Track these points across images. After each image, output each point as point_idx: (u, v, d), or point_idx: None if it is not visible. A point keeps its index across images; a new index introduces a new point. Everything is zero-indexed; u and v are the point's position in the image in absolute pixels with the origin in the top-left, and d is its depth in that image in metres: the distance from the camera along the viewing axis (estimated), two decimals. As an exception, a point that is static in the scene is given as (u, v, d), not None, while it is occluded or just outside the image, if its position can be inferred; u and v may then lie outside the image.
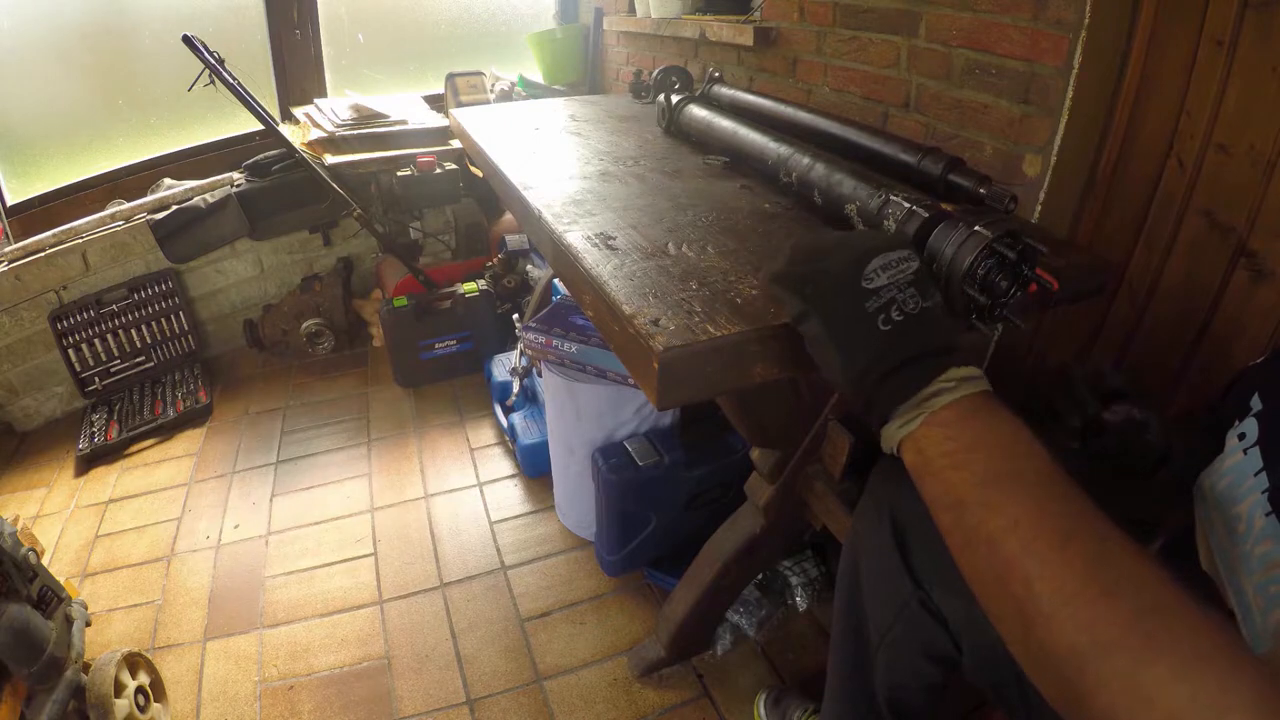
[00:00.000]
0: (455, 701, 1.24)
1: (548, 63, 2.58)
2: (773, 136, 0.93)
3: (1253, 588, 0.58)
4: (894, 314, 0.49)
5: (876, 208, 0.67)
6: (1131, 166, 1.02)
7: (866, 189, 0.71)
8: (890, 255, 0.50)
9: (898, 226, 0.63)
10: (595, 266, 0.68)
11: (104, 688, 1.08)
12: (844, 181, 0.75)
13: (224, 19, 2.33)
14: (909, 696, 0.81)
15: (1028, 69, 1.06)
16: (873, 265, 0.50)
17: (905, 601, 0.76)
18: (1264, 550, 0.57)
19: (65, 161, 2.26)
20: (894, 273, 0.50)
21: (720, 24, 1.77)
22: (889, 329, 0.48)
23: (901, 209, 0.64)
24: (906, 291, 0.49)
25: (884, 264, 0.50)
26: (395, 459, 1.87)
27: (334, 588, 1.48)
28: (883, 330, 0.48)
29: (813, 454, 1.06)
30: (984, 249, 0.54)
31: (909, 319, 0.49)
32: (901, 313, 0.49)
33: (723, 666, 1.29)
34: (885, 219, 0.65)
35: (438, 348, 2.14)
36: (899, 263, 0.50)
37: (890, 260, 0.50)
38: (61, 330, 2.02)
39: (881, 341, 0.48)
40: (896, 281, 0.49)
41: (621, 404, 1.40)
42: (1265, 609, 0.56)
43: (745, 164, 1.00)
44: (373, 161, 2.15)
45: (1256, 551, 0.58)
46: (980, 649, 0.71)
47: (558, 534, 1.61)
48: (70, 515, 1.72)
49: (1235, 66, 0.87)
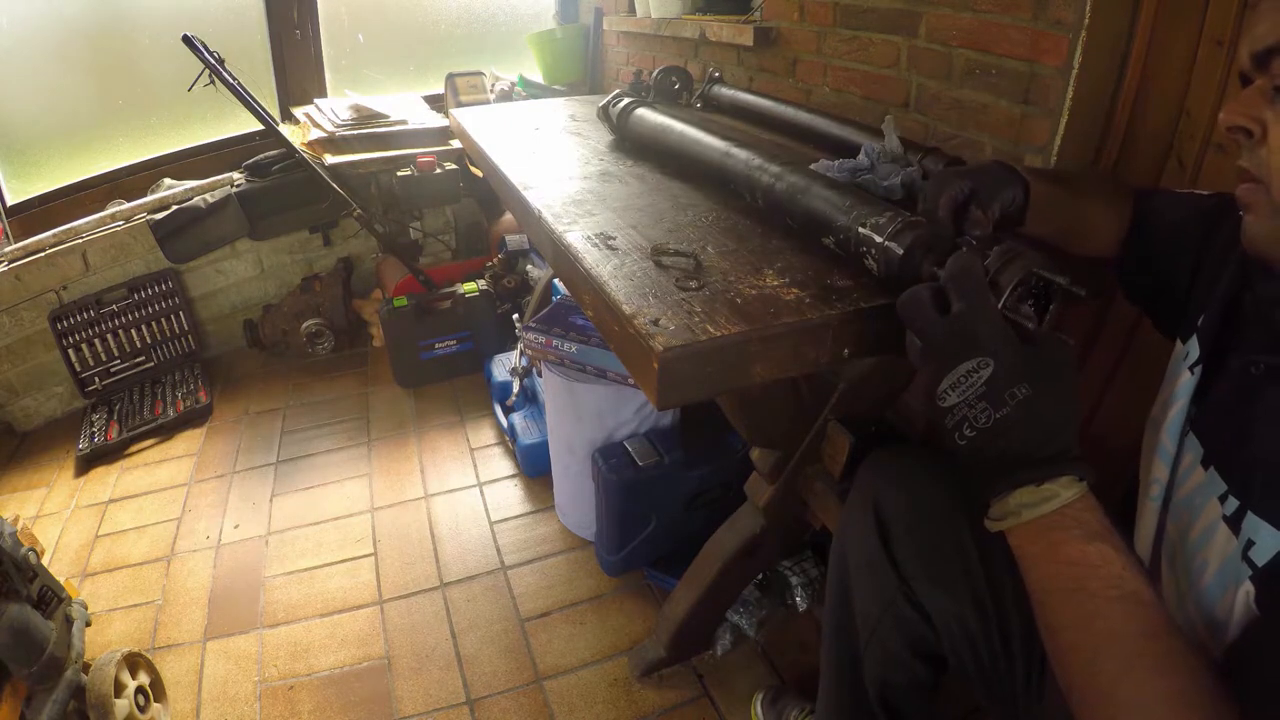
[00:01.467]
0: (455, 701, 1.24)
1: (548, 63, 2.58)
2: (735, 143, 0.85)
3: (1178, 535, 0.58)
4: (966, 431, 0.51)
5: (853, 245, 0.64)
6: (1131, 166, 1.02)
7: (840, 219, 0.65)
8: (960, 369, 0.50)
9: (878, 265, 0.61)
10: (595, 266, 0.68)
11: (104, 688, 1.07)
12: (813, 205, 0.69)
13: (224, 19, 2.33)
14: (899, 693, 0.81)
15: (1028, 69, 1.06)
16: (943, 386, 0.51)
17: (891, 597, 0.76)
18: (1190, 489, 0.56)
19: (65, 161, 2.26)
20: (964, 389, 0.50)
21: (720, 24, 1.77)
22: (965, 444, 0.51)
23: (874, 244, 0.60)
24: (977, 407, 0.50)
25: (953, 382, 0.51)
26: (395, 459, 1.87)
27: (334, 588, 1.48)
28: (960, 445, 0.52)
29: (813, 454, 1.06)
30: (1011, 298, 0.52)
31: (981, 434, 0.50)
32: (974, 428, 0.50)
33: (723, 666, 1.29)
34: (864, 257, 0.62)
35: (438, 348, 2.14)
36: (969, 375, 0.50)
37: (959, 376, 0.50)
38: (61, 330, 2.02)
39: (961, 454, 0.52)
40: (966, 398, 0.50)
41: (621, 404, 1.40)
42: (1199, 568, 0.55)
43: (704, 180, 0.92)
44: (373, 161, 2.15)
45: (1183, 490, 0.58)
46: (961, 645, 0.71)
47: (558, 534, 1.61)
48: (70, 515, 1.72)
49: (1235, 66, 0.87)
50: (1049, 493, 0.49)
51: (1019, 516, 0.50)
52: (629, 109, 1.09)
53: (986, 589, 0.69)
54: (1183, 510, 0.57)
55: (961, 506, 0.72)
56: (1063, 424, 0.50)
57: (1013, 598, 0.67)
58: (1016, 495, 0.50)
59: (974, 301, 0.51)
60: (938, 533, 0.73)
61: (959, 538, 0.71)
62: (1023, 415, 0.49)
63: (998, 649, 0.68)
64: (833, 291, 0.64)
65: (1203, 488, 0.54)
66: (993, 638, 0.68)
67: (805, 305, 0.61)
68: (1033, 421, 0.49)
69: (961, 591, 0.70)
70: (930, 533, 0.73)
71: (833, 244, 0.67)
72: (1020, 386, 0.49)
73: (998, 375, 0.49)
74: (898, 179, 0.86)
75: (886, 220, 0.61)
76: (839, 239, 0.66)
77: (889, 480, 0.79)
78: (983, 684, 0.71)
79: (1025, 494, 0.50)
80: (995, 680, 0.69)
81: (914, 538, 0.74)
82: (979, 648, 0.70)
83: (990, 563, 0.69)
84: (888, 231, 0.60)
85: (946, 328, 0.51)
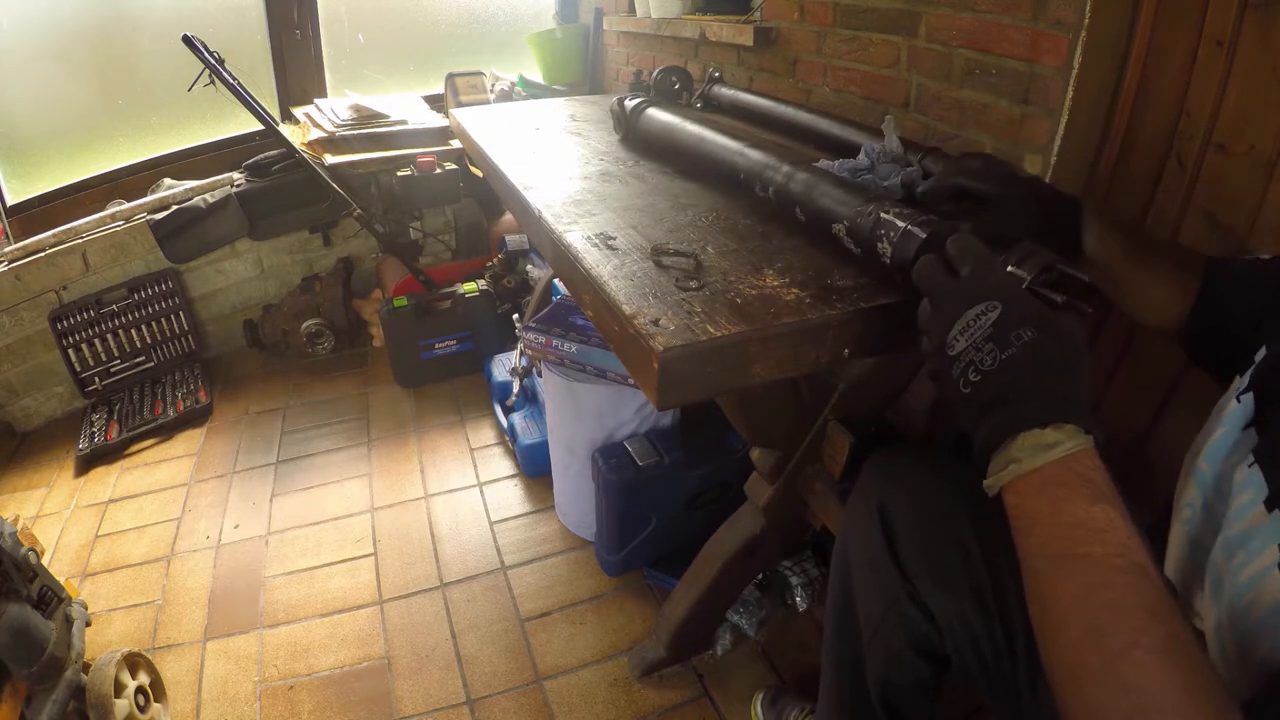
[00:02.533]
0: (455, 701, 1.24)
1: (548, 63, 2.58)
2: (746, 143, 0.86)
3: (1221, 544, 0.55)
4: (971, 375, 0.49)
5: (868, 228, 0.64)
6: (1131, 166, 1.02)
7: (856, 204, 0.66)
8: (969, 315, 0.50)
9: (893, 250, 0.61)
10: (595, 266, 0.68)
11: (104, 688, 1.07)
12: (829, 195, 0.70)
13: (224, 19, 2.33)
14: (901, 693, 0.81)
15: (1028, 69, 1.06)
16: (952, 333, 0.51)
17: (894, 596, 0.76)
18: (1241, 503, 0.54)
19: (65, 161, 2.26)
20: (971, 333, 0.50)
21: (720, 24, 1.77)
22: (969, 391, 0.50)
23: (895, 229, 0.61)
24: (984, 349, 0.49)
25: (962, 327, 0.50)
26: (395, 459, 1.87)
27: (334, 588, 1.48)
28: (964, 394, 0.50)
29: (813, 454, 1.06)
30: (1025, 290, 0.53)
31: (986, 377, 0.49)
32: (979, 371, 0.49)
33: (723, 666, 1.29)
34: (879, 240, 0.62)
35: (438, 348, 2.14)
36: (977, 318, 0.50)
37: (968, 321, 0.50)
38: (61, 330, 2.02)
39: (963, 405, 0.50)
40: (974, 341, 0.50)
41: (621, 404, 1.40)
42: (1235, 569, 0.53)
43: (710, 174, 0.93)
44: (373, 161, 2.15)
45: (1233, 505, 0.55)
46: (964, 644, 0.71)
47: (558, 534, 1.61)
48: (70, 515, 1.72)
49: (1235, 67, 0.87)
50: (1052, 439, 0.46)
51: (1019, 466, 0.47)
52: (640, 108, 1.10)
53: (990, 589, 0.69)
54: (1236, 548, 0.53)
55: (966, 506, 0.72)
56: (1070, 374, 0.48)
57: (1017, 598, 0.67)
58: (1018, 441, 0.47)
59: (982, 262, 0.53)
60: (942, 532, 0.73)
61: (963, 537, 0.71)
62: (1028, 357, 0.48)
63: (1001, 648, 0.68)
64: (833, 291, 0.64)
65: (1263, 530, 0.50)
66: (996, 637, 0.68)
67: (805, 305, 0.61)
68: (1039, 364, 0.48)
69: (965, 591, 0.70)
70: (934, 532, 0.73)
71: (844, 230, 0.67)
72: (1027, 329, 0.48)
73: (1005, 317, 0.49)
74: (898, 179, 0.86)
75: (912, 211, 0.62)
76: (853, 224, 0.66)
77: (893, 479, 0.79)
78: (986, 684, 0.71)
79: (1028, 440, 0.47)
80: (999, 680, 0.69)
81: (918, 537, 0.74)
82: (983, 647, 0.70)
83: (994, 563, 0.69)
84: (912, 220, 0.60)
85: (957, 283, 0.53)
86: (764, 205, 0.84)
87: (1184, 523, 0.59)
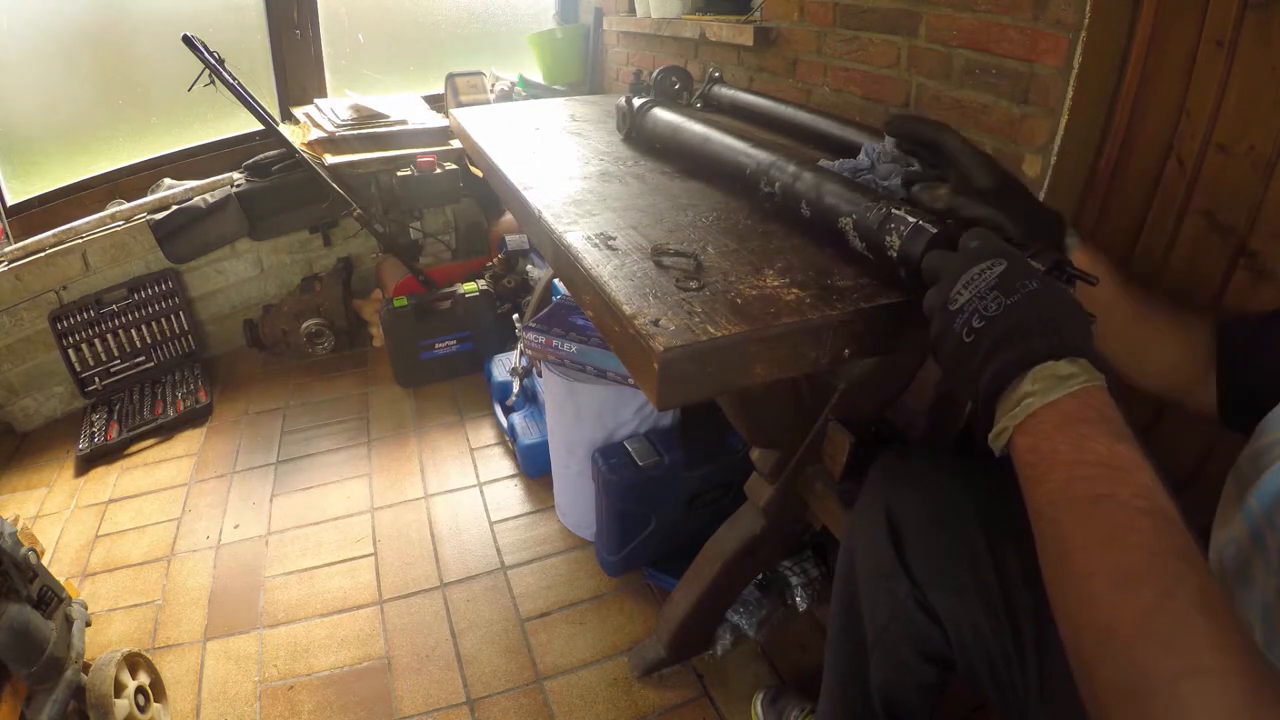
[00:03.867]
0: (455, 701, 1.24)
1: (548, 63, 2.58)
2: (752, 142, 0.87)
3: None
4: (975, 322, 0.47)
5: (877, 222, 0.64)
6: (1131, 166, 1.02)
7: (864, 201, 0.67)
8: (973, 271, 0.49)
9: (902, 244, 0.60)
10: (595, 266, 0.68)
11: (104, 688, 1.07)
12: (837, 192, 0.71)
13: (224, 19, 2.33)
14: (904, 696, 0.81)
15: (1028, 69, 1.06)
16: (955, 289, 0.50)
17: (901, 599, 0.76)
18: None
19: (65, 161, 2.26)
20: (976, 285, 0.49)
21: (720, 24, 1.77)
22: (971, 339, 0.47)
23: (906, 224, 0.61)
24: (988, 297, 0.47)
25: (966, 281, 0.49)
26: (395, 459, 1.87)
27: (334, 588, 1.48)
28: (966, 343, 0.48)
29: (813, 454, 1.06)
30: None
31: (990, 322, 0.47)
32: (983, 318, 0.47)
33: (723, 666, 1.29)
34: (887, 234, 0.62)
35: (438, 348, 2.14)
36: (982, 273, 0.49)
37: (973, 274, 0.49)
38: (61, 330, 2.02)
39: (965, 355, 0.48)
40: (978, 291, 0.48)
41: (621, 404, 1.40)
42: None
43: (717, 175, 0.92)
44: (373, 161, 2.15)
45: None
46: (972, 649, 0.71)
47: (558, 534, 1.61)
48: (70, 515, 1.72)
49: (1235, 66, 0.87)
50: (1067, 370, 0.43)
51: (1033, 400, 0.43)
52: (646, 107, 1.10)
53: (999, 593, 0.68)
54: None
55: (974, 510, 0.72)
56: (1075, 323, 0.46)
57: (1025, 602, 0.67)
58: (1030, 376, 0.44)
59: (989, 236, 0.53)
60: (950, 536, 0.72)
61: (971, 541, 0.71)
62: (1034, 304, 0.46)
63: (1010, 653, 0.68)
64: (833, 291, 0.64)
65: None
66: (1005, 642, 0.68)
67: (805, 305, 0.61)
68: (1045, 310, 0.46)
69: (973, 595, 0.70)
70: (942, 536, 0.73)
71: (850, 225, 0.67)
72: (1032, 280, 0.47)
73: (1011, 270, 0.48)
74: (898, 179, 0.86)
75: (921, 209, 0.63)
76: (860, 219, 0.65)
77: (902, 483, 0.79)
78: (994, 688, 0.71)
79: (1041, 372, 0.44)
80: (1008, 685, 0.69)
81: (927, 541, 0.74)
82: (991, 651, 0.69)
83: (1003, 567, 0.69)
84: (923, 216, 0.60)
85: (963, 253, 0.52)
86: (765, 205, 0.84)
87: (1225, 560, 0.55)
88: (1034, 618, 0.66)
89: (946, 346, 0.50)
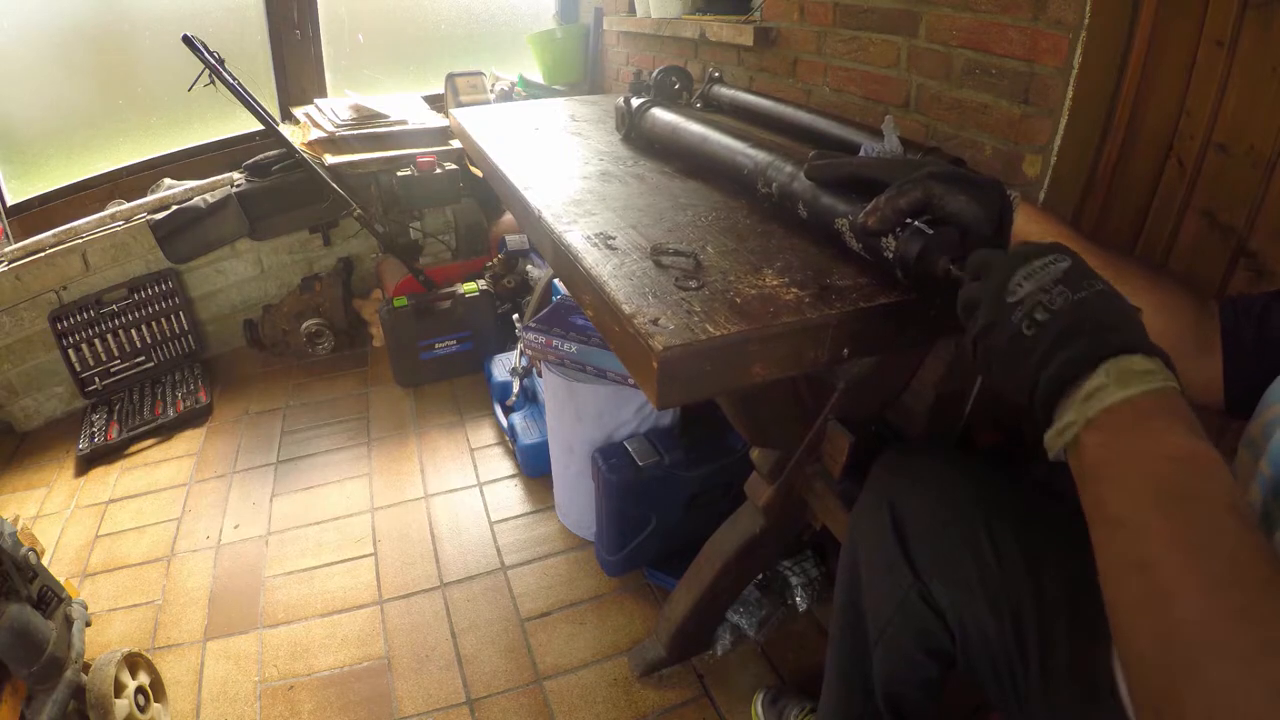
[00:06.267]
0: (455, 701, 1.24)
1: (548, 63, 2.58)
2: (750, 143, 0.87)
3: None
4: (1037, 315, 0.44)
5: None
6: (1131, 166, 1.02)
7: (861, 201, 0.66)
8: (1035, 263, 0.46)
9: (898, 245, 0.60)
10: (595, 266, 0.68)
11: (104, 688, 1.07)
12: (833, 190, 0.70)
13: (224, 19, 2.33)
14: (906, 692, 0.81)
15: (1028, 69, 1.06)
16: (1015, 279, 0.46)
17: (905, 594, 0.76)
18: None
19: (65, 161, 2.26)
20: (1039, 276, 0.45)
21: (720, 24, 1.77)
22: (1033, 331, 0.44)
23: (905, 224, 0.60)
24: (1054, 290, 0.44)
25: (1028, 272, 0.46)
26: (395, 459, 1.87)
27: (334, 588, 1.48)
28: (1026, 335, 0.44)
29: (813, 454, 1.06)
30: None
31: (1055, 315, 0.43)
32: (1047, 311, 0.44)
33: (723, 666, 1.29)
34: (884, 235, 0.62)
35: (438, 348, 2.14)
36: (1044, 266, 0.46)
37: (1035, 266, 0.46)
38: (61, 330, 2.02)
39: (1024, 349, 0.44)
40: (1042, 284, 0.45)
41: (621, 404, 1.40)
42: None
43: (715, 175, 0.93)
44: (373, 161, 2.15)
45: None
46: (975, 644, 0.71)
47: (558, 534, 1.61)
48: (70, 515, 1.72)
49: (1235, 66, 0.87)
50: (1144, 365, 0.40)
51: (1106, 394, 0.40)
52: (645, 107, 1.10)
53: (1003, 589, 0.69)
54: None
55: (979, 505, 0.72)
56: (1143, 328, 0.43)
57: (1029, 597, 0.67)
58: (1102, 369, 0.41)
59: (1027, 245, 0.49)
60: (955, 531, 0.72)
61: (976, 536, 0.71)
62: (1104, 302, 0.43)
63: (1013, 650, 0.68)
64: (833, 291, 0.64)
65: None
66: (1007, 638, 0.68)
67: (805, 305, 0.61)
68: (1115, 309, 0.43)
69: (977, 590, 0.70)
70: (947, 531, 0.73)
71: (846, 226, 0.67)
72: (1098, 281, 0.44)
73: (1076, 268, 0.45)
74: None
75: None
76: (856, 219, 0.65)
77: (906, 479, 0.79)
78: (996, 684, 0.71)
79: (1115, 366, 0.40)
80: (1009, 681, 0.69)
81: (930, 535, 0.74)
82: (993, 648, 0.69)
83: (1007, 564, 0.69)
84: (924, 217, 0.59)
85: (1010, 251, 0.48)
86: (764, 205, 0.84)
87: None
88: (1036, 614, 0.67)
89: (998, 340, 0.46)
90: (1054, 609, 0.66)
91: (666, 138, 1.04)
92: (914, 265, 0.58)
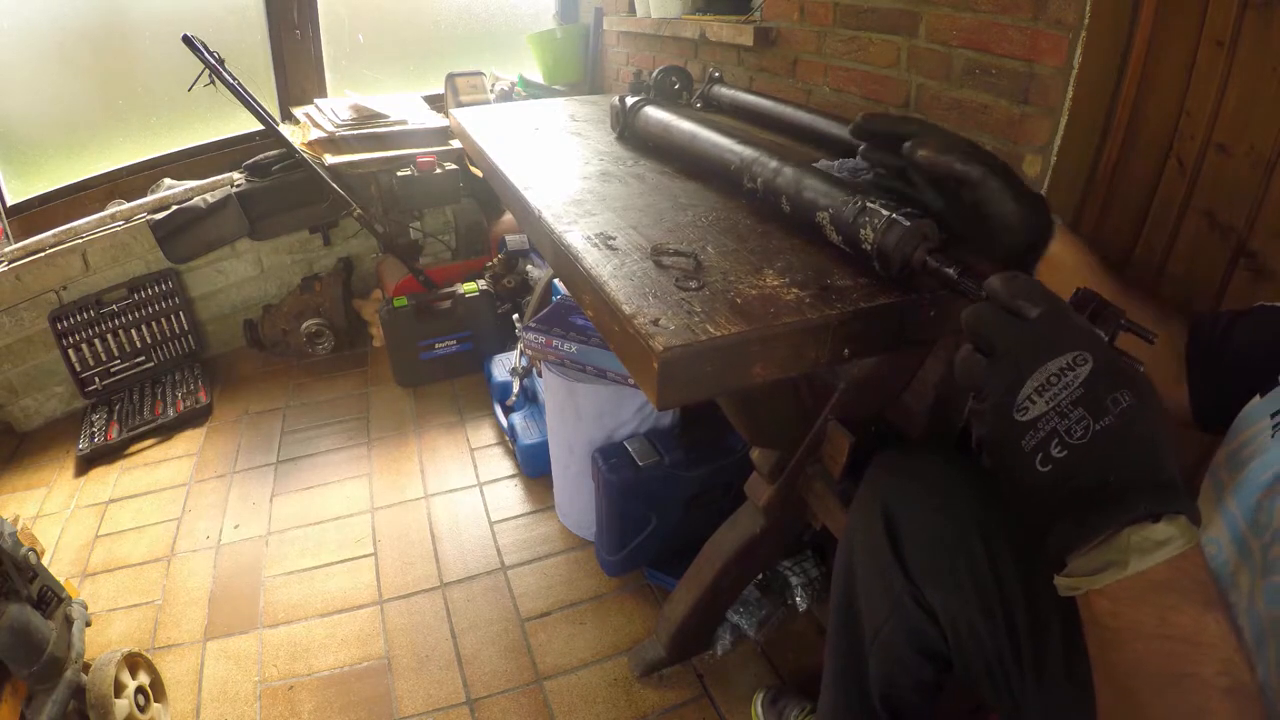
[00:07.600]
0: (455, 701, 1.24)
1: (548, 63, 2.58)
2: (738, 139, 0.87)
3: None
4: (1055, 451, 0.40)
5: (852, 216, 0.64)
6: (1131, 166, 1.02)
7: (840, 195, 0.66)
8: (1051, 367, 0.40)
9: (876, 237, 0.60)
10: (595, 266, 0.68)
11: (104, 688, 1.07)
12: (815, 187, 0.71)
13: (224, 19, 2.33)
14: (903, 693, 0.81)
15: (1027, 69, 1.06)
16: (1027, 390, 0.41)
17: (898, 596, 0.76)
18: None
19: (65, 161, 2.26)
20: (1054, 392, 0.40)
21: (720, 24, 1.77)
22: (1049, 469, 0.40)
23: (880, 217, 0.61)
24: (1072, 416, 0.39)
25: (1042, 384, 0.40)
26: (395, 459, 1.87)
27: (334, 588, 1.48)
28: (1041, 472, 0.40)
29: (813, 454, 1.06)
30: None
31: (1075, 451, 0.39)
32: (1065, 446, 0.39)
33: (723, 666, 1.29)
34: (862, 227, 0.62)
35: (438, 348, 2.14)
36: (1062, 374, 0.40)
37: (1050, 376, 0.40)
38: (61, 330, 2.02)
39: (1040, 488, 0.40)
40: (1058, 404, 0.40)
41: (621, 404, 1.40)
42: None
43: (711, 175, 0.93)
44: (373, 161, 2.15)
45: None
46: (967, 645, 0.71)
47: (558, 534, 1.61)
48: (70, 515, 1.72)
49: (1235, 66, 0.87)
50: (1164, 534, 0.38)
51: (1121, 570, 0.38)
52: (638, 106, 1.10)
53: (995, 590, 0.69)
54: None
55: (972, 508, 0.72)
56: (1168, 451, 0.40)
57: (1020, 600, 0.67)
58: (1122, 539, 0.38)
59: (1057, 303, 0.43)
60: (947, 533, 0.72)
61: (968, 539, 0.71)
62: (1128, 430, 0.39)
63: (1005, 652, 0.68)
64: (833, 291, 0.64)
65: None
66: (1000, 641, 0.68)
67: (805, 305, 0.61)
68: (1141, 440, 0.39)
69: (970, 593, 0.70)
70: (939, 533, 0.73)
71: (827, 219, 0.67)
72: (1124, 392, 0.39)
73: (1098, 373, 0.40)
74: None
75: (896, 202, 0.62)
76: (836, 213, 0.66)
77: (899, 480, 0.79)
78: (990, 686, 0.71)
79: (1135, 536, 0.38)
80: (1003, 682, 0.69)
81: (923, 538, 0.74)
82: (986, 649, 0.69)
83: (998, 565, 0.69)
84: (896, 209, 0.60)
85: (1030, 326, 0.42)
86: (764, 205, 0.84)
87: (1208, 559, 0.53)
88: (1029, 617, 0.67)
89: (1010, 469, 0.42)
90: (1047, 610, 0.66)
91: (659, 136, 1.04)
92: (892, 255, 0.59)
